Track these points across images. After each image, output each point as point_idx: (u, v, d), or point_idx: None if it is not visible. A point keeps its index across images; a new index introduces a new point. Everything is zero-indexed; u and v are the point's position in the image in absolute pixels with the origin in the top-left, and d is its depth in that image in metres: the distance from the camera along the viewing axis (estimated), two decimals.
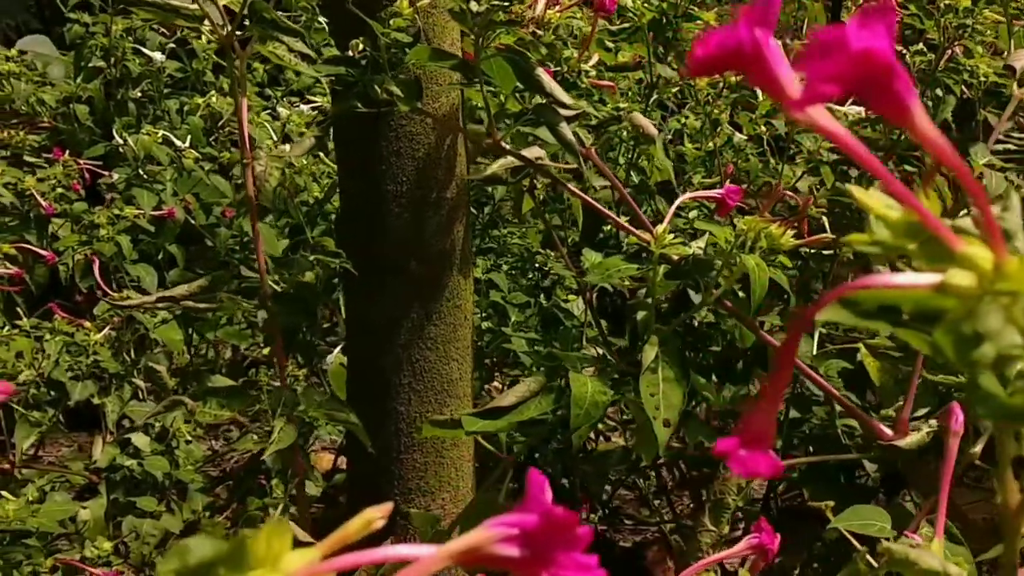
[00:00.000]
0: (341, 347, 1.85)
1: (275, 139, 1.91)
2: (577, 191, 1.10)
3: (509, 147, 1.08)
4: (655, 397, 0.87)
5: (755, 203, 1.81)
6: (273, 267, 1.15)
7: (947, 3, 1.35)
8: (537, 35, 1.04)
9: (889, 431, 0.93)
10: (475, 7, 0.93)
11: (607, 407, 0.93)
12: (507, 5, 0.94)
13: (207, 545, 0.29)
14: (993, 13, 1.42)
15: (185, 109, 2.18)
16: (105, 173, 2.03)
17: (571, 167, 1.18)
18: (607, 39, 1.63)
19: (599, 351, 1.04)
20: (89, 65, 2.14)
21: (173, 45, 2.27)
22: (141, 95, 2.19)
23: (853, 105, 1.65)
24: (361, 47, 1.03)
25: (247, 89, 0.97)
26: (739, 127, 1.87)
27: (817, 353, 1.58)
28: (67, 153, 2.03)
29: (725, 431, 1.84)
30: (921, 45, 1.55)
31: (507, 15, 0.95)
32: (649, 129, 1.22)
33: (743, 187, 1.46)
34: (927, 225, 0.27)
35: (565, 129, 0.98)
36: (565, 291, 1.81)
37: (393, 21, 1.01)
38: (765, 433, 0.29)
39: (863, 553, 0.43)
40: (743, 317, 1.07)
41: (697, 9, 1.67)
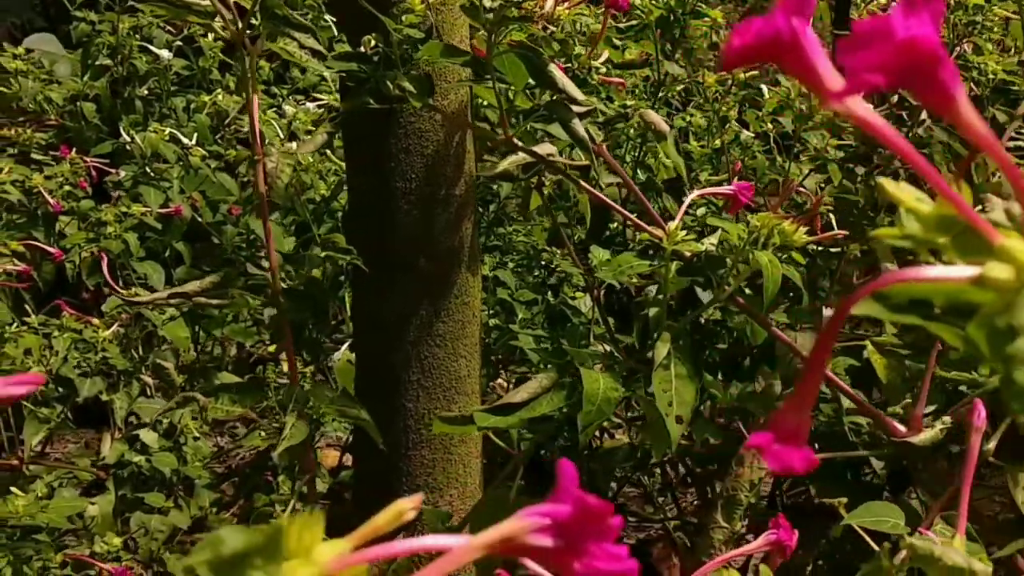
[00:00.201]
0: (348, 344, 1.85)
1: (281, 137, 1.91)
2: (591, 188, 1.10)
3: (520, 144, 1.08)
4: (668, 393, 0.87)
5: (763, 201, 1.81)
6: (282, 264, 1.15)
7: (956, 0, 1.35)
8: (549, 31, 1.04)
9: (903, 428, 0.93)
10: (488, 3, 0.93)
11: (618, 404, 0.93)
12: (519, 1, 0.94)
13: (240, 536, 0.29)
14: (1002, 10, 1.42)
15: (192, 107, 2.18)
16: (112, 171, 2.03)
17: (578, 164, 1.18)
18: (614, 36, 1.63)
19: (607, 348, 1.04)
20: (96, 63, 2.14)
21: (180, 43, 2.27)
22: (148, 93, 2.19)
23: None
24: (373, 43, 1.03)
25: (246, 89, 0.97)
26: (746, 125, 1.87)
27: None
28: (74, 151, 2.03)
29: (730, 429, 1.84)
30: None
31: (519, 11, 0.95)
32: (661, 125, 1.22)
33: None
34: (965, 217, 0.27)
35: (578, 125, 0.98)
36: (572, 288, 1.81)
37: (405, 17, 1.01)
38: (799, 427, 0.29)
39: (886, 549, 0.43)
40: (755, 314, 1.07)
41: (704, 6, 1.67)
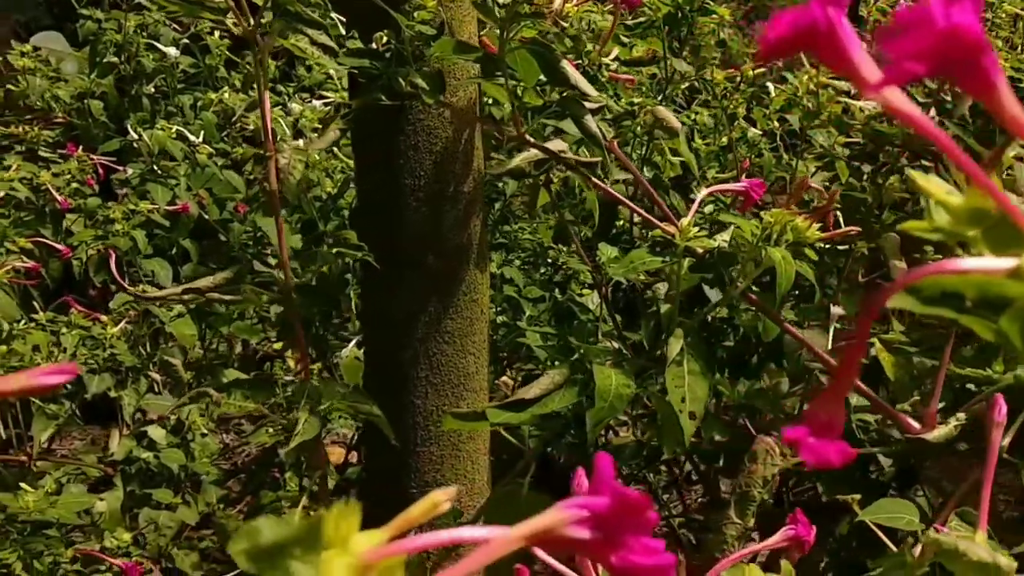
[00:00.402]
0: (355, 341, 1.85)
1: (288, 134, 1.91)
2: (604, 185, 1.10)
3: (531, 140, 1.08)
4: (680, 389, 0.87)
5: (770, 199, 1.81)
6: (291, 260, 1.15)
7: None
8: (562, 27, 1.04)
9: (917, 424, 0.93)
10: None
11: (630, 400, 0.93)
12: None
13: (278, 526, 0.30)
14: (1011, 7, 1.42)
15: (199, 104, 2.18)
16: (120, 168, 2.04)
17: (590, 160, 1.18)
18: (622, 34, 1.63)
19: (615, 345, 1.04)
20: (103, 61, 2.14)
21: (187, 41, 2.27)
22: (155, 90, 2.19)
23: (869, 100, 1.65)
24: (384, 39, 1.03)
25: (258, 85, 0.97)
26: (753, 122, 1.87)
27: (831, 348, 1.58)
28: (81, 148, 2.04)
29: (736, 426, 1.84)
30: None
31: (531, 7, 0.95)
32: (673, 122, 1.22)
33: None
34: (1002, 209, 0.27)
35: (590, 121, 0.98)
36: (580, 285, 1.81)
37: (418, 14, 1.01)
38: (834, 421, 0.29)
39: (910, 544, 0.43)
40: (768, 310, 1.07)
41: (712, 3, 1.67)
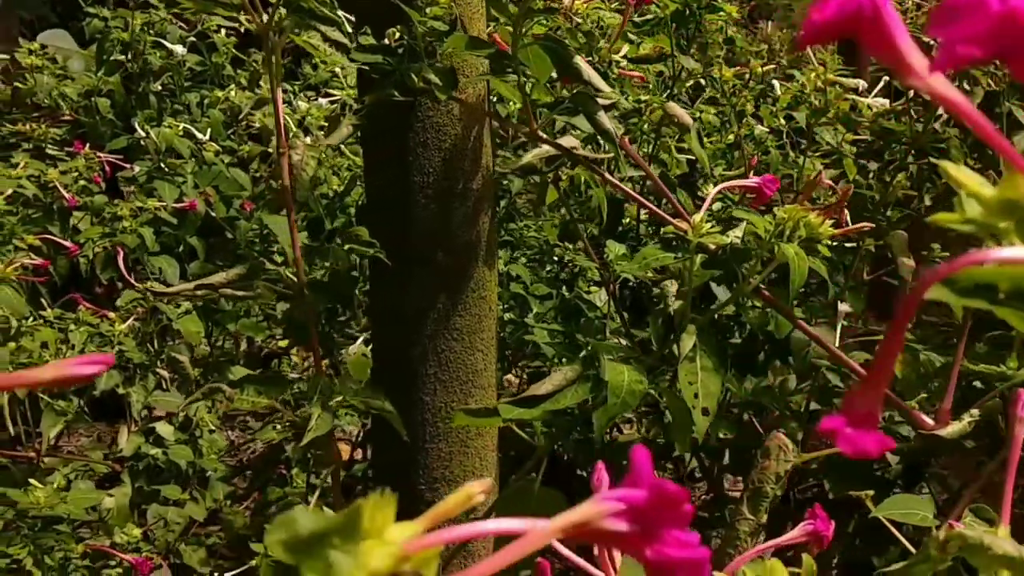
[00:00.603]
0: (363, 338, 1.85)
1: (295, 131, 1.91)
2: (616, 182, 1.10)
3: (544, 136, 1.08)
4: (694, 386, 0.88)
5: (776, 197, 1.81)
6: (301, 257, 1.15)
7: None
8: (575, 23, 1.04)
9: (930, 421, 0.93)
10: None
11: (643, 396, 0.93)
12: None
13: (315, 517, 0.30)
14: None
15: (205, 102, 2.18)
16: (127, 166, 2.04)
17: (602, 157, 1.18)
18: (630, 31, 1.63)
19: (623, 342, 1.04)
20: (110, 59, 2.14)
21: (193, 39, 2.27)
22: (162, 88, 2.20)
23: (877, 97, 1.65)
24: (397, 35, 1.03)
25: (271, 82, 0.97)
26: (760, 120, 1.87)
27: (839, 345, 1.58)
28: (88, 146, 2.04)
29: (742, 422, 1.85)
30: None
31: (544, 2, 0.95)
32: (685, 119, 1.22)
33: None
34: None
35: (603, 117, 0.98)
36: (587, 282, 1.81)
37: (430, 10, 1.01)
38: (872, 412, 0.29)
39: (935, 538, 0.43)
40: (781, 307, 1.07)
41: (719, 0, 1.67)
